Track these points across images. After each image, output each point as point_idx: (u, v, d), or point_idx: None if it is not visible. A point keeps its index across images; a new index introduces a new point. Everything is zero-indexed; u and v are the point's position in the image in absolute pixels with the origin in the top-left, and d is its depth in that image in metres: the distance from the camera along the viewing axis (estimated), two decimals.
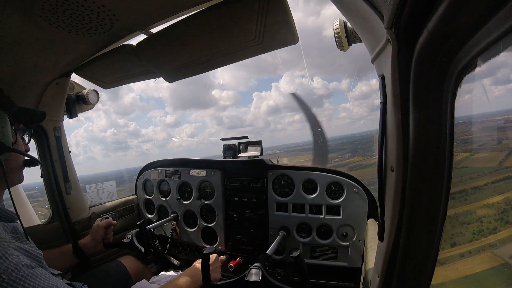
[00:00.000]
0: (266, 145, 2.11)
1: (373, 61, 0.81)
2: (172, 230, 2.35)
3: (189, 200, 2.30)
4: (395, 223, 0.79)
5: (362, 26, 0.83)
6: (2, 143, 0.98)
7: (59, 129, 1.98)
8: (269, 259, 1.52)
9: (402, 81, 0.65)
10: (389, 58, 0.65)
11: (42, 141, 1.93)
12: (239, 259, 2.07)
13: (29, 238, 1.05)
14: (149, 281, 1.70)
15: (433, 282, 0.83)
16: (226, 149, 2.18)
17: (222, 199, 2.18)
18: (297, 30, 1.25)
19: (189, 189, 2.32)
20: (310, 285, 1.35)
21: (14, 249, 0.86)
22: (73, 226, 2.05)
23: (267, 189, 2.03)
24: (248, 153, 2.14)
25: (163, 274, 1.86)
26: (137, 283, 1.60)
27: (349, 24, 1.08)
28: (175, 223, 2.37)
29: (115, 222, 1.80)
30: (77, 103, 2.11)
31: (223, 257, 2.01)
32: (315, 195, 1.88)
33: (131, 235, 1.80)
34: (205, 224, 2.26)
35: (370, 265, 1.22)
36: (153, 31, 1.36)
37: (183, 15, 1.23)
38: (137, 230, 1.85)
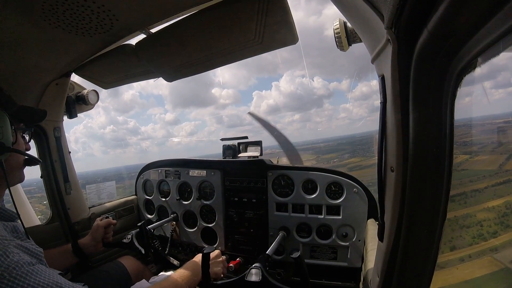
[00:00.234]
0: (265, 144, 2.10)
1: (373, 61, 0.81)
2: (172, 230, 2.35)
3: (189, 200, 2.30)
4: (395, 223, 0.79)
5: (362, 26, 0.83)
6: (2, 143, 0.98)
7: (59, 129, 1.98)
8: (269, 259, 1.52)
9: (402, 81, 0.65)
10: (389, 58, 0.65)
11: (42, 141, 1.93)
12: (239, 259, 2.07)
13: (30, 237, 1.05)
14: (148, 281, 1.70)
15: (432, 286, 0.83)
16: (226, 149, 2.18)
17: (222, 199, 2.18)
18: (297, 30, 1.25)
19: (189, 190, 2.32)
20: (310, 285, 1.35)
21: (14, 247, 0.86)
22: (73, 226, 2.05)
23: (267, 189, 2.03)
24: (248, 153, 2.13)
25: (163, 274, 1.86)
26: (137, 283, 1.60)
27: (349, 24, 1.08)
28: (175, 223, 2.37)
29: (115, 221, 1.80)
30: (77, 103, 2.11)
31: (223, 257, 2.00)
32: (315, 195, 1.87)
33: (131, 235, 1.80)
34: (205, 224, 2.25)
35: (370, 265, 1.22)
36: (153, 31, 1.36)
37: (183, 15, 1.23)
38: (137, 230, 1.84)
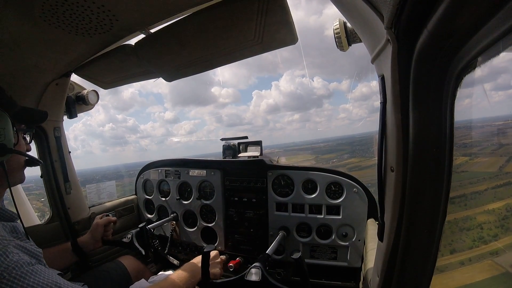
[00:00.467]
0: (264, 144, 2.10)
1: (373, 61, 0.81)
2: (172, 230, 2.35)
3: (189, 200, 2.30)
4: (395, 223, 0.79)
5: (362, 26, 0.83)
6: (4, 144, 0.98)
7: (59, 129, 1.98)
8: (269, 259, 1.52)
9: (402, 81, 0.65)
10: (389, 58, 0.64)
11: (42, 141, 1.93)
12: (239, 259, 2.07)
13: (29, 237, 1.05)
14: (148, 281, 1.70)
15: (432, 286, 0.83)
16: (226, 149, 2.18)
17: (222, 199, 2.18)
18: (297, 30, 1.25)
19: (189, 189, 2.32)
20: (310, 285, 1.35)
21: (14, 247, 0.86)
22: (73, 226, 2.05)
23: (267, 189, 2.03)
24: (248, 153, 2.13)
25: (162, 273, 1.86)
26: (136, 283, 1.60)
27: (349, 24, 1.08)
28: (175, 223, 2.37)
29: (114, 218, 1.79)
30: (77, 104, 2.12)
31: (223, 257, 2.01)
32: (315, 195, 1.88)
33: (131, 235, 1.80)
34: (205, 224, 2.26)
35: (370, 265, 1.22)
36: (153, 31, 1.36)
37: (182, 15, 1.23)
38: (137, 230, 1.84)
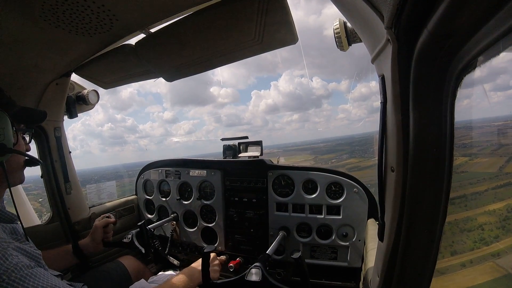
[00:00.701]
0: (264, 144, 2.10)
1: (373, 61, 0.81)
2: (172, 230, 2.35)
3: (189, 200, 2.30)
4: (395, 223, 0.79)
5: (362, 26, 0.83)
6: (3, 144, 0.98)
7: (59, 129, 1.98)
8: (269, 259, 1.52)
9: (402, 81, 0.65)
10: (389, 58, 0.64)
11: (42, 141, 1.93)
12: (239, 259, 2.07)
13: (29, 239, 1.05)
14: (147, 281, 1.70)
15: (432, 286, 0.83)
16: (226, 149, 2.18)
17: (222, 199, 2.18)
18: (296, 30, 1.25)
19: (189, 189, 2.32)
20: (310, 285, 1.35)
21: (13, 249, 0.86)
22: (73, 226, 2.05)
23: (267, 189, 2.03)
24: (248, 153, 2.13)
25: (162, 274, 1.86)
26: (136, 283, 1.60)
27: (349, 24, 1.08)
28: (175, 223, 2.37)
29: (113, 219, 1.78)
30: (77, 103, 2.11)
31: (223, 257, 2.01)
32: (315, 195, 1.87)
33: (131, 235, 1.80)
34: (205, 224, 2.25)
35: (370, 265, 1.22)
36: (153, 30, 1.36)
37: (182, 15, 1.23)
38: (138, 230, 1.84)
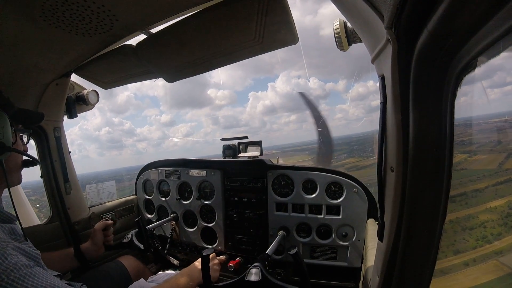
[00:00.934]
0: (265, 144, 2.10)
1: (373, 61, 0.81)
2: (171, 230, 2.34)
3: (189, 200, 2.30)
4: (395, 223, 0.79)
5: (362, 26, 0.83)
6: (2, 143, 0.98)
7: (59, 130, 1.98)
8: (269, 259, 1.52)
9: (402, 81, 0.65)
10: (389, 58, 0.65)
11: (42, 141, 1.93)
12: (238, 259, 2.07)
13: (28, 239, 1.05)
14: (147, 281, 1.70)
15: (432, 286, 0.83)
16: (226, 149, 2.18)
17: (222, 199, 2.18)
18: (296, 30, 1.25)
19: (189, 189, 2.32)
20: (310, 285, 1.35)
21: (12, 249, 0.86)
22: (73, 226, 2.05)
23: (267, 189, 2.03)
24: (248, 153, 2.13)
25: (161, 273, 1.86)
26: (135, 283, 1.59)
27: (349, 24, 1.08)
28: (175, 223, 2.37)
29: (111, 222, 1.78)
30: (77, 104, 2.11)
31: (222, 257, 2.00)
32: (315, 195, 1.87)
33: (131, 234, 1.81)
34: (205, 224, 2.25)
35: (369, 265, 1.22)
36: (153, 31, 1.36)
37: (183, 15, 1.23)
38: (137, 230, 1.85)
